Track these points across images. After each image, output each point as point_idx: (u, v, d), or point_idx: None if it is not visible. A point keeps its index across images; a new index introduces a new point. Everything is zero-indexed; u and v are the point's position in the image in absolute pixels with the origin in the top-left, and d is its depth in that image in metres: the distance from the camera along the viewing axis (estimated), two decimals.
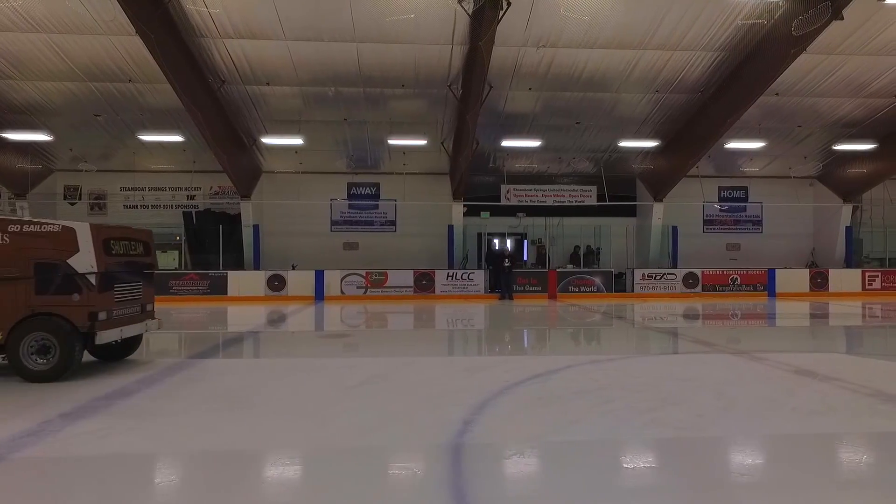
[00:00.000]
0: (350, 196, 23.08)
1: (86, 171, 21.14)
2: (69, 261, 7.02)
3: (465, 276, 21.11)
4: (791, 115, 19.31)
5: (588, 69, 16.58)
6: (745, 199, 24.35)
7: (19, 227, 6.99)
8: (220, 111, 17.76)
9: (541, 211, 23.12)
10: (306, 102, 18.06)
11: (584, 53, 15.91)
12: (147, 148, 20.67)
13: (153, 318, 8.70)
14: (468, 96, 16.47)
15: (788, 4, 13.76)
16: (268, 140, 19.32)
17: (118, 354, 8.37)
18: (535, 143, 20.01)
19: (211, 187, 22.54)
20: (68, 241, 7.05)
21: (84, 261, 7.05)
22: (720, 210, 24.21)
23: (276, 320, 15.29)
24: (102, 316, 7.21)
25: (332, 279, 20.64)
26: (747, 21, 14.31)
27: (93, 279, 7.09)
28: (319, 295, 20.51)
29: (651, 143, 20.33)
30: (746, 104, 16.68)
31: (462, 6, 13.63)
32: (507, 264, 20.73)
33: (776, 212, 24.08)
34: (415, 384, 7.23)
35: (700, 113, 18.45)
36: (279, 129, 19.19)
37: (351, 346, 11.22)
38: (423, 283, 20.88)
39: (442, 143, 20.18)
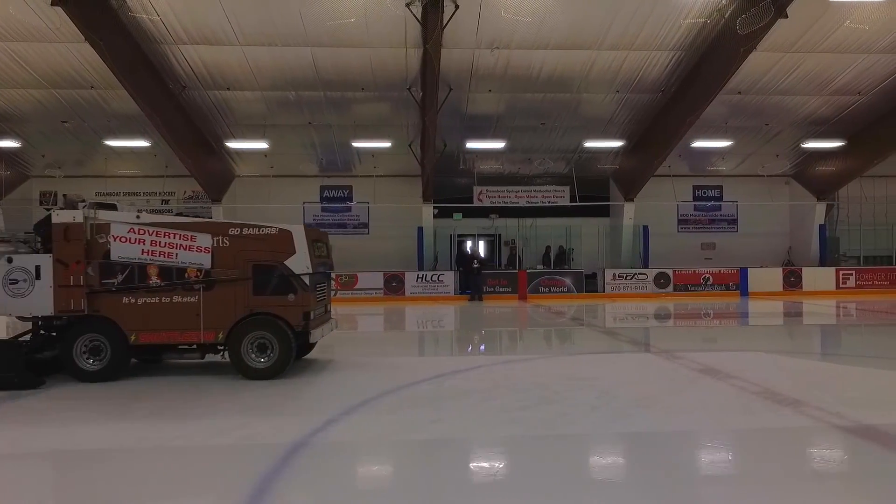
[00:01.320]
0: (323, 199, 23.22)
1: (56, 176, 21.36)
2: (286, 262, 7.23)
3: (434, 278, 21.17)
4: (757, 114, 19.27)
5: (545, 70, 16.62)
6: (720, 198, 24.28)
7: (239, 230, 7.25)
8: (184, 116, 17.92)
9: (514, 212, 23.15)
10: (269, 107, 18.20)
11: (539, 54, 15.96)
12: (118, 153, 20.90)
13: (332, 318, 8.90)
14: (427, 99, 16.56)
15: (735, 3, 13.78)
16: (233, 144, 19.49)
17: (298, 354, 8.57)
18: (499, 145, 20.07)
19: (185, 192, 22.72)
20: (285, 243, 7.26)
21: (300, 262, 7.27)
22: (695, 209, 24.15)
23: None
24: (313, 315, 7.46)
25: None
26: (694, 20, 14.31)
27: (306, 280, 7.29)
28: None
29: (617, 143, 20.35)
30: (705, 103, 16.68)
31: (410, 9, 13.76)
32: (475, 266, 20.79)
33: (752, 211, 23.99)
34: (314, 383, 7.30)
35: (663, 112, 18.46)
36: (246, 133, 19.38)
37: None
38: (393, 285, 20.97)
39: (410, 146, 20.26)
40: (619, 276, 21.55)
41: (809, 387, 6.87)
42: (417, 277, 21.13)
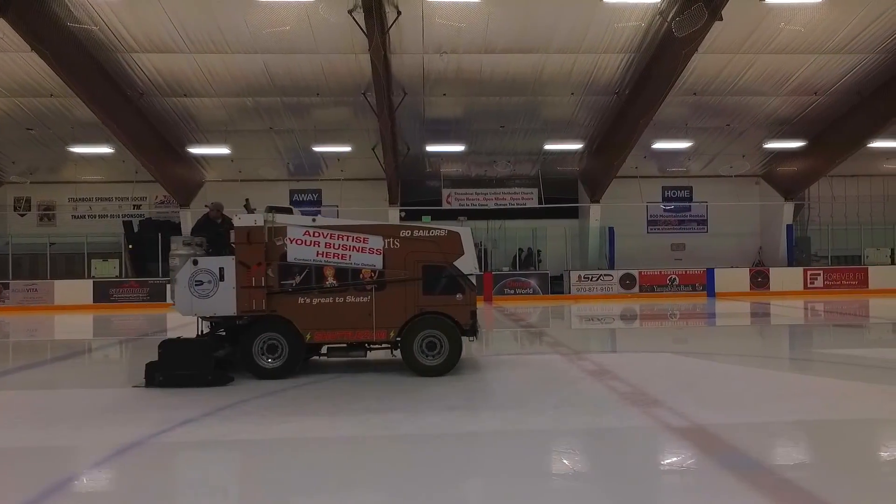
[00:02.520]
0: (292, 203, 23.39)
1: (25, 182, 21.71)
2: (455, 263, 7.46)
3: None
4: (717, 114, 19.31)
5: (497, 73, 16.75)
6: (690, 199, 24.30)
7: (409, 232, 7.48)
8: (145, 122, 18.20)
9: (484, 214, 23.29)
10: (229, 113, 18.44)
11: (489, 58, 16.08)
12: (87, 160, 21.22)
13: None
14: (379, 104, 16.72)
15: (675, 7, 13.84)
16: (195, 150, 19.73)
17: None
18: (459, 148, 20.22)
19: (157, 196, 23.00)
20: (454, 244, 7.47)
21: (468, 263, 7.50)
22: (664, 210, 24.18)
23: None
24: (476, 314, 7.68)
25: None
26: (635, 24, 14.40)
27: (473, 280, 7.53)
28: None
29: (578, 146, 20.44)
30: (656, 104, 16.73)
31: (353, 16, 13.93)
32: None
33: (722, 211, 23.98)
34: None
35: (621, 114, 18.53)
36: (211, 138, 19.62)
37: None
38: None
39: (373, 150, 20.43)
40: (584, 278, 21.62)
41: (680, 387, 6.96)
42: None
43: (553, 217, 23.33)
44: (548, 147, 20.50)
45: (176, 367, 7.10)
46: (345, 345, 7.66)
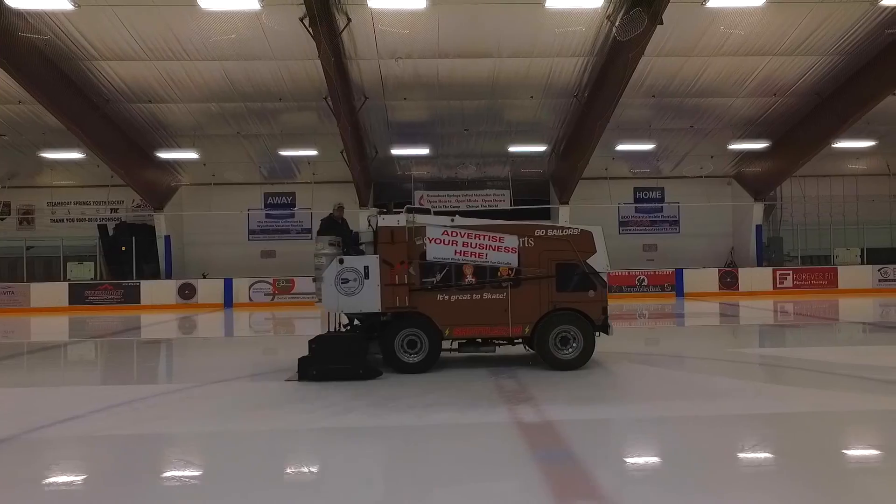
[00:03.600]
0: (267, 206, 23.77)
1: (3, 186, 22.14)
2: (588, 261, 7.81)
3: None
4: (679, 116, 19.46)
5: (454, 78, 16.96)
6: (662, 200, 24.42)
7: (544, 231, 7.88)
8: (113, 128, 18.55)
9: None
10: (196, 118, 18.76)
11: (444, 63, 16.31)
12: (63, 164, 21.62)
13: None
14: (338, 108, 16.97)
15: (619, 11, 14.00)
16: (164, 155, 20.07)
17: None
18: (424, 151, 20.46)
19: (133, 200, 23.37)
20: (586, 243, 7.85)
21: (600, 261, 7.89)
22: (636, 211, 24.31)
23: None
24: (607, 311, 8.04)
25: (240, 287, 21.31)
26: (577, 28, 14.59)
27: (604, 277, 7.92)
28: (228, 302, 21.20)
29: (542, 147, 20.64)
30: (611, 107, 16.89)
31: (303, 23, 14.19)
32: None
33: (694, 212, 24.09)
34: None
35: (582, 116, 18.69)
36: (182, 143, 19.96)
37: None
38: None
39: (342, 153, 20.69)
40: None
41: (566, 386, 7.15)
42: None
43: (525, 218, 23.39)
44: (513, 149, 20.69)
45: (329, 362, 7.47)
46: (479, 340, 8.06)
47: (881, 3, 13.60)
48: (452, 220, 7.81)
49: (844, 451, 4.97)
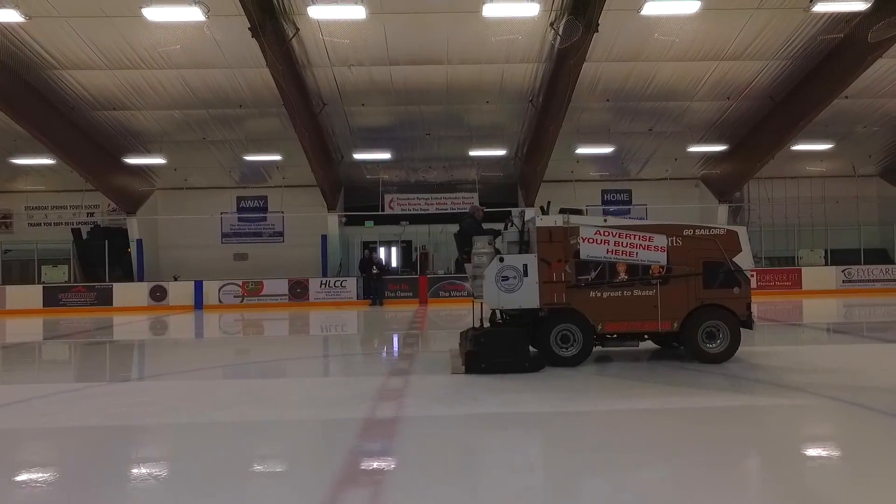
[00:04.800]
0: (239, 209, 24.20)
1: None
2: (734, 259, 8.12)
3: (338, 284, 21.98)
4: (637, 119, 19.74)
5: (409, 84, 17.32)
6: (629, 202, 24.68)
7: (692, 231, 8.19)
8: (81, 135, 19.02)
9: (426, 219, 23.85)
10: (161, 125, 19.21)
11: (397, 70, 16.66)
12: (39, 170, 22.15)
13: None
14: (294, 115, 17.35)
15: (562, 19, 14.33)
16: (132, 160, 20.53)
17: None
18: (386, 155, 20.82)
19: (109, 205, 23.85)
20: (732, 242, 8.15)
21: (745, 259, 8.18)
22: (603, 213, 24.52)
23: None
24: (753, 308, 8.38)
25: (210, 289, 21.72)
26: (515, 36, 14.91)
27: (748, 275, 8.25)
28: (199, 304, 21.61)
29: (503, 151, 20.97)
30: (561, 111, 17.19)
31: (250, 31, 14.58)
32: (375, 271, 21.54)
33: (661, 213, 24.24)
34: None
35: (539, 121, 19.02)
36: (151, 149, 20.42)
37: None
38: (298, 291, 21.82)
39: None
40: None
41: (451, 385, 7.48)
42: (321, 284, 21.97)
43: (495, 220, 23.74)
44: (474, 153, 21.02)
45: (496, 355, 7.77)
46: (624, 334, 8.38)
47: (813, 10, 13.84)
48: (605, 221, 8.20)
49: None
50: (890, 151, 22.79)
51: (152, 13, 12.92)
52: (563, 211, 8.14)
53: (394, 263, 24.68)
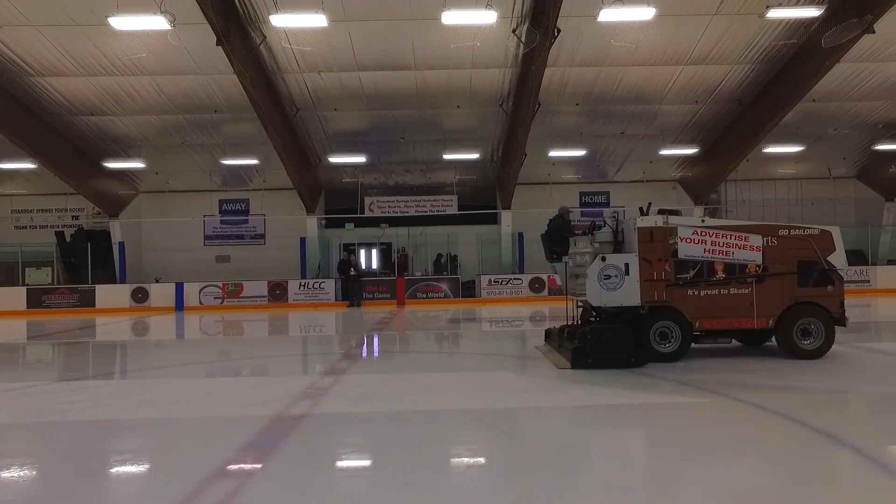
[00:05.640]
0: (222, 212, 24.53)
1: None
2: (828, 258, 8.39)
3: (316, 286, 22.28)
4: (609, 122, 19.99)
5: (380, 89, 17.62)
6: (607, 204, 24.90)
7: (787, 231, 8.44)
8: (61, 140, 19.38)
9: (406, 221, 24.14)
10: (140, 130, 19.56)
11: (366, 75, 16.98)
12: (23, 174, 22.52)
13: None
14: (265, 119, 17.64)
15: (523, 26, 14.60)
16: (112, 165, 20.87)
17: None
18: (360, 159, 21.12)
19: (93, 208, 24.20)
20: (826, 242, 8.43)
21: (839, 258, 8.44)
22: (582, 215, 24.75)
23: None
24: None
25: (191, 291, 22.06)
26: (473, 43, 15.17)
27: (841, 274, 8.48)
28: (179, 305, 21.95)
29: (476, 154, 21.23)
30: (528, 116, 17.44)
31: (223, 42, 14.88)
32: (353, 273, 21.83)
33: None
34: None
35: (510, 124, 19.29)
36: (132, 153, 20.77)
37: None
38: (277, 293, 22.14)
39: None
40: (494, 282, 22.37)
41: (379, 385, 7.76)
42: (300, 285, 22.27)
43: (474, 223, 24.08)
44: (449, 157, 21.29)
45: (603, 351, 8.01)
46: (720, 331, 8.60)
47: (767, 16, 14.06)
48: (703, 221, 8.48)
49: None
50: (864, 153, 22.98)
51: (118, 22, 13.18)
52: (661, 212, 8.41)
53: (374, 265, 24.97)
